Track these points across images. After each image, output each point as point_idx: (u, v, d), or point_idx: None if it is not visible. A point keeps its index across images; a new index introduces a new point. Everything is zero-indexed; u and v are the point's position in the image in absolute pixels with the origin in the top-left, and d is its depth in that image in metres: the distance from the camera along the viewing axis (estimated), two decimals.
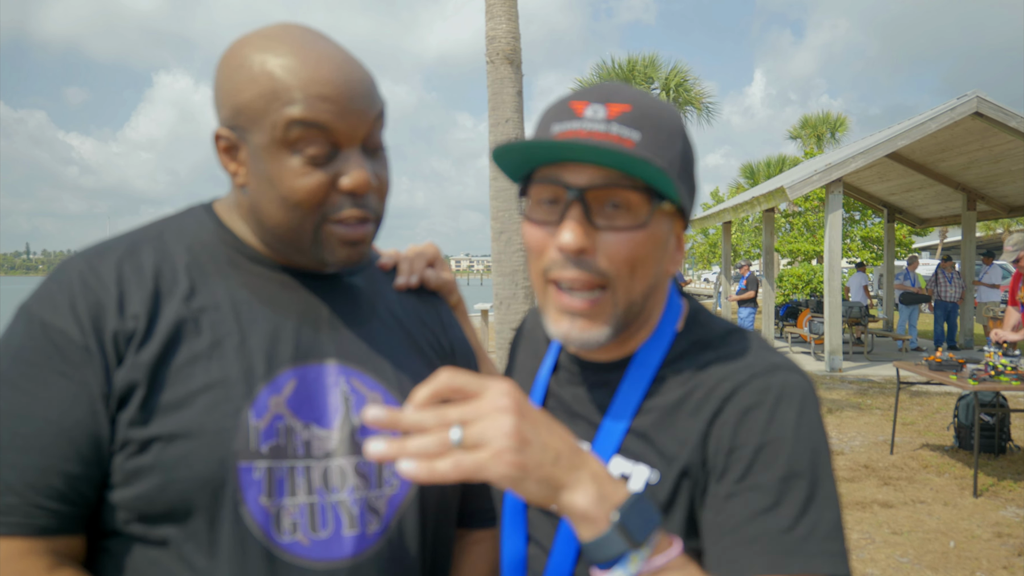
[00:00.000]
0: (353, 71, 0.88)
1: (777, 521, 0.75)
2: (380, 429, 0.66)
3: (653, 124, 0.82)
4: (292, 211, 0.88)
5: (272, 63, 0.84)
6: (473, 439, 0.63)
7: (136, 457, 0.82)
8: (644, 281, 0.85)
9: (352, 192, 0.88)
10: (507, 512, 0.97)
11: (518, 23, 5.69)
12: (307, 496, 0.86)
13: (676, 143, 0.84)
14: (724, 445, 0.80)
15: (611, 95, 0.83)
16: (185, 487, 0.81)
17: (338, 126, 0.85)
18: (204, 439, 0.82)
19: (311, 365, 0.91)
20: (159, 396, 0.83)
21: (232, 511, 0.82)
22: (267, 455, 0.84)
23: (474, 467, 0.62)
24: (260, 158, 0.87)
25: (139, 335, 0.84)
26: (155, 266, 0.90)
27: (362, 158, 0.88)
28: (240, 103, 0.86)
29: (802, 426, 0.79)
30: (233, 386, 0.85)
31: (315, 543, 0.85)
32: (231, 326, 0.89)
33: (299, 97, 0.83)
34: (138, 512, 0.82)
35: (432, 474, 0.61)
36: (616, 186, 0.80)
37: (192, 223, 0.97)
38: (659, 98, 0.87)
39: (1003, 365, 5.55)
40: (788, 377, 0.82)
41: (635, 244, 0.82)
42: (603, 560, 0.67)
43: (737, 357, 0.85)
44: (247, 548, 0.82)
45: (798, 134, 30.36)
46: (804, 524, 0.75)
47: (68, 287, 0.85)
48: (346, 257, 0.92)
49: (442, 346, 1.07)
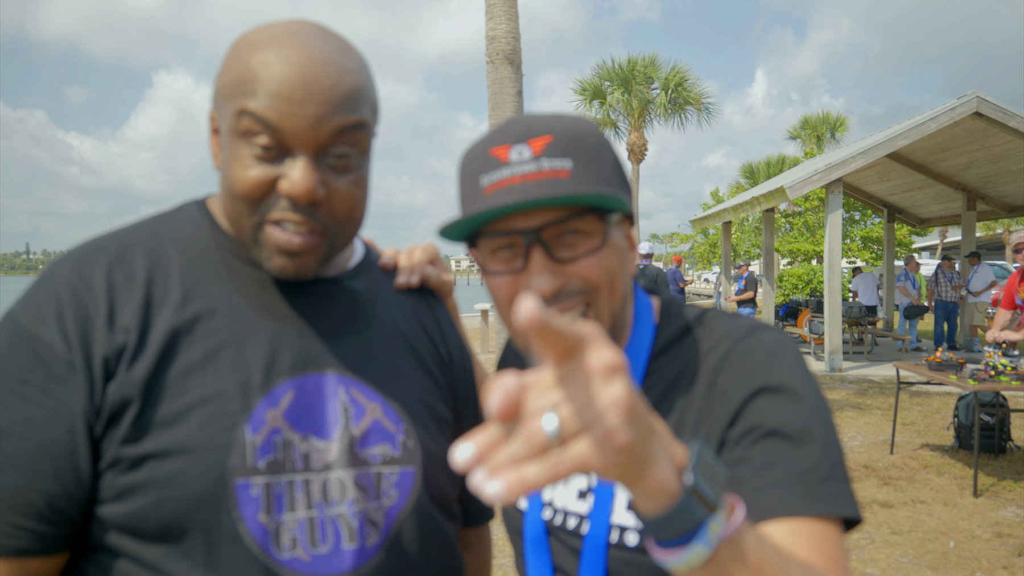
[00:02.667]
0: (327, 77, 0.83)
1: (798, 463, 0.76)
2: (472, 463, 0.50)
3: (579, 146, 0.82)
4: (234, 202, 0.86)
5: (254, 55, 0.83)
6: (574, 424, 0.48)
7: (128, 474, 0.79)
8: (619, 292, 0.87)
9: (289, 197, 0.84)
10: (529, 541, 0.95)
11: (518, 23, 5.69)
12: (306, 511, 0.84)
13: (605, 155, 0.85)
14: (731, 404, 0.81)
15: (528, 131, 0.82)
16: (180, 505, 0.79)
17: (284, 126, 0.82)
18: (199, 456, 0.80)
19: (310, 375, 0.89)
20: (153, 412, 0.80)
21: (230, 529, 0.80)
22: (264, 471, 0.82)
23: (574, 467, 0.49)
24: (226, 143, 0.87)
25: (130, 349, 0.82)
26: (147, 272, 0.87)
27: (310, 166, 0.83)
28: (219, 85, 0.88)
29: (798, 371, 0.83)
30: (229, 400, 0.83)
31: (315, 558, 0.84)
32: (227, 334, 0.86)
33: (257, 89, 0.82)
34: (130, 529, 0.80)
35: (524, 487, 0.48)
36: (569, 219, 0.81)
37: (186, 222, 0.94)
38: (570, 114, 0.87)
39: (1003, 365, 5.54)
40: (770, 334, 0.87)
41: (602, 262, 0.83)
42: (676, 535, 0.58)
43: (717, 331, 0.90)
44: (246, 566, 0.80)
45: (798, 134, 30.40)
46: (824, 465, 0.77)
47: (56, 296, 0.83)
48: (282, 267, 0.87)
49: (439, 353, 1.06)
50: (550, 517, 0.93)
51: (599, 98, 19.94)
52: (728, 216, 16.80)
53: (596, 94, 19.87)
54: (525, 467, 0.48)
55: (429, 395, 1.00)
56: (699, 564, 0.58)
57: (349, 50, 0.89)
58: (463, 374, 1.10)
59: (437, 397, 1.01)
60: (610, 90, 19.59)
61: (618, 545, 0.85)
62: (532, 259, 0.81)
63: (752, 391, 0.81)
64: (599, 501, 0.87)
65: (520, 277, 0.83)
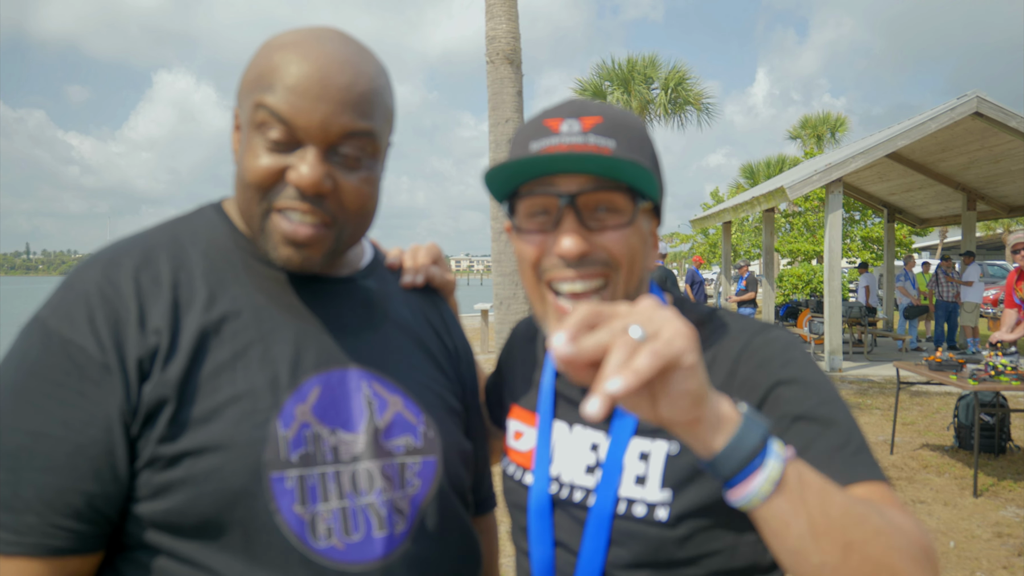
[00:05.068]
0: (342, 77, 0.86)
1: (831, 440, 0.80)
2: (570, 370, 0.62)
3: (625, 131, 0.90)
4: (245, 191, 0.89)
5: (277, 53, 0.88)
6: (653, 329, 0.60)
7: (166, 471, 0.81)
8: (637, 273, 0.92)
9: (297, 186, 0.87)
10: (533, 514, 0.98)
11: (518, 23, 5.69)
12: (339, 501, 0.87)
13: (647, 147, 0.93)
14: (756, 392, 0.85)
15: (582, 109, 0.90)
16: (217, 499, 0.81)
17: (297, 120, 0.85)
18: (234, 451, 0.83)
19: (334, 371, 0.92)
20: (188, 410, 0.83)
21: (267, 521, 0.83)
22: (297, 464, 0.85)
23: (668, 348, 0.59)
24: (243, 136, 0.90)
25: (163, 350, 0.84)
26: (172, 275, 0.89)
27: (318, 158, 0.86)
28: (243, 82, 0.91)
29: (811, 363, 0.88)
30: (260, 397, 0.86)
31: (349, 546, 0.86)
32: (253, 334, 0.89)
33: (275, 84, 0.86)
34: (168, 525, 0.82)
35: (638, 375, 0.57)
36: (604, 189, 0.87)
37: (204, 225, 0.97)
38: (624, 109, 0.94)
39: (1003, 365, 5.54)
40: (782, 332, 0.92)
41: (627, 239, 0.89)
42: (748, 459, 0.64)
43: (731, 327, 0.93)
44: (285, 556, 0.83)
45: (798, 134, 30.38)
46: (854, 441, 0.81)
47: (85, 299, 0.84)
48: (287, 257, 0.89)
49: (447, 348, 1.10)
50: (556, 491, 0.97)
51: (599, 98, 19.93)
52: (728, 216, 16.80)
53: (596, 94, 19.87)
54: (632, 362, 0.58)
55: (441, 388, 1.04)
56: (775, 483, 0.65)
57: (368, 56, 0.92)
58: (468, 368, 1.14)
59: (448, 390, 1.06)
60: (610, 90, 19.59)
61: (625, 516, 0.89)
62: (564, 221, 0.88)
63: (774, 381, 0.85)
64: (607, 474, 0.91)
65: (549, 238, 0.89)
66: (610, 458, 0.91)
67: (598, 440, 0.94)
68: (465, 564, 1.00)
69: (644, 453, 0.89)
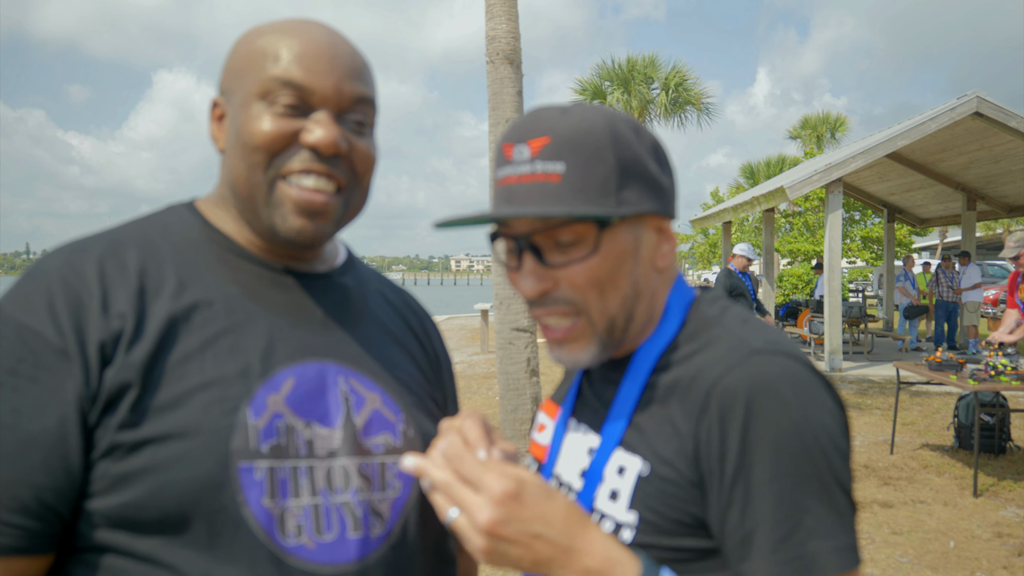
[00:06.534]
0: (346, 46, 0.91)
1: (777, 528, 0.74)
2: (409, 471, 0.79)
3: (575, 148, 0.80)
4: (250, 157, 0.86)
5: (266, 37, 0.89)
6: (467, 509, 0.73)
7: (125, 460, 0.77)
8: (617, 297, 0.85)
9: (314, 148, 0.86)
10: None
11: (518, 23, 5.69)
12: (311, 497, 0.83)
13: (606, 156, 0.81)
14: (714, 449, 0.78)
15: (530, 130, 0.82)
16: (181, 489, 0.77)
17: (312, 84, 0.86)
18: (201, 438, 0.79)
19: (310, 363, 0.89)
20: (152, 396, 0.79)
21: (234, 513, 0.79)
22: (268, 455, 0.82)
23: (469, 533, 0.73)
24: (236, 115, 0.89)
25: (128, 334, 0.81)
26: (139, 264, 0.86)
27: (333, 120, 0.88)
28: (231, 66, 0.91)
29: (784, 418, 0.76)
30: (230, 385, 0.82)
31: (320, 546, 0.83)
32: (225, 323, 0.86)
33: (281, 56, 0.87)
34: (125, 521, 0.77)
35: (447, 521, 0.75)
36: (556, 227, 0.82)
37: (176, 221, 0.94)
38: (586, 107, 0.84)
39: (1003, 365, 5.54)
40: (768, 363, 0.79)
41: (591, 270, 0.82)
42: None
43: (718, 344, 0.84)
44: (251, 552, 0.79)
45: (798, 134, 30.38)
46: (805, 526, 0.74)
47: (46, 285, 0.81)
48: (300, 228, 0.87)
49: (427, 352, 1.08)
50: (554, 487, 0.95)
51: (599, 98, 19.91)
52: (728, 216, 16.79)
53: (596, 94, 19.85)
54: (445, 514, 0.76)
55: (420, 388, 1.02)
56: None
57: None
58: (449, 376, 1.13)
59: (427, 392, 1.04)
60: (610, 90, 19.58)
61: None
62: (523, 263, 0.85)
63: (730, 446, 0.77)
64: (587, 483, 0.88)
65: (519, 276, 0.86)
66: (592, 467, 0.88)
67: (594, 445, 0.92)
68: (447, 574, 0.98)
69: (622, 467, 0.85)
